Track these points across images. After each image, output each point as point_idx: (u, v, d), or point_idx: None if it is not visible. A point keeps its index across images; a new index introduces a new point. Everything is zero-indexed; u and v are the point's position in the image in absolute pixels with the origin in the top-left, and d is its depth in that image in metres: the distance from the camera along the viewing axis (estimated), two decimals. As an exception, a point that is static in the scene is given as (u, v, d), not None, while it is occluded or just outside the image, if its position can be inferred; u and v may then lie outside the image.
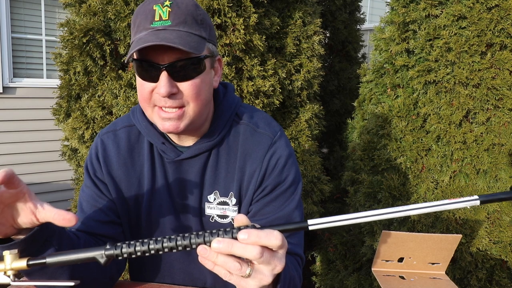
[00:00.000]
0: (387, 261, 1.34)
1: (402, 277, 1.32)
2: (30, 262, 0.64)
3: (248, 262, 0.63)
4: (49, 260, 0.63)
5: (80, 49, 1.96)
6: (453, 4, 1.99)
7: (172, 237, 0.62)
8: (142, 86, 0.89)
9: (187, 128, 0.92)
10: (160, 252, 0.62)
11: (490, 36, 1.92)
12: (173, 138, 1.01)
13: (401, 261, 1.34)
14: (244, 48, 1.96)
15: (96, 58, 1.97)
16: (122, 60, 2.03)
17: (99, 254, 0.62)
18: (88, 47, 1.95)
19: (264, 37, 2.03)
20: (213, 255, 0.61)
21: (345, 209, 2.49)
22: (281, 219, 1.00)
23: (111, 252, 0.62)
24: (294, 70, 2.21)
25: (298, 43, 2.22)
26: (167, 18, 0.85)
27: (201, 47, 0.87)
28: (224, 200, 1.01)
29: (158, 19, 0.85)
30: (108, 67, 2.00)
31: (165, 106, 0.88)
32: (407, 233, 1.32)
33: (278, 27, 2.12)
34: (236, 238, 0.60)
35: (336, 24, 3.52)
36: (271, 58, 2.09)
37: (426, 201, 2.08)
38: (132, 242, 0.62)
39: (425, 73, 2.06)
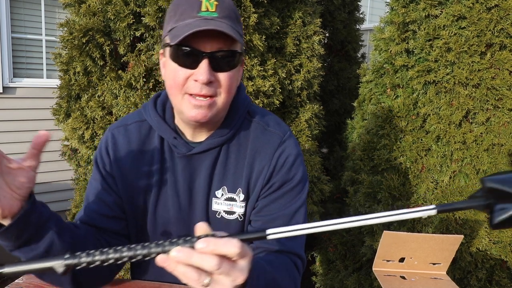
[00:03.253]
0: (388, 261, 1.35)
1: (403, 277, 1.32)
2: None
3: (208, 271, 0.63)
4: (6, 270, 0.62)
5: (79, 49, 1.96)
6: (452, 4, 1.99)
7: (132, 246, 0.62)
8: (177, 72, 0.89)
9: (213, 118, 0.94)
10: (119, 262, 0.62)
11: (489, 36, 1.93)
12: (186, 133, 1.02)
13: (402, 261, 1.35)
14: (244, 48, 1.96)
15: (96, 58, 1.97)
16: (121, 60, 2.03)
17: (59, 264, 0.61)
18: (87, 47, 1.95)
19: (264, 37, 2.03)
20: (173, 264, 0.61)
21: (345, 209, 2.49)
22: (286, 217, 1.01)
23: (70, 261, 0.61)
24: (294, 70, 2.21)
25: (298, 43, 2.22)
26: (214, 10, 0.88)
27: (242, 42, 0.91)
28: (232, 196, 1.02)
29: (205, 10, 0.88)
30: (107, 67, 2.00)
31: (199, 94, 0.89)
32: (408, 233, 1.32)
33: (278, 27, 2.12)
34: (195, 247, 0.61)
35: (335, 24, 3.52)
36: (271, 58, 2.09)
37: (426, 201, 2.09)
38: (91, 252, 0.62)
39: (425, 73, 2.06)
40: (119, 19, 1.92)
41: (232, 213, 1.03)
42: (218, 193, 1.02)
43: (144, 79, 1.96)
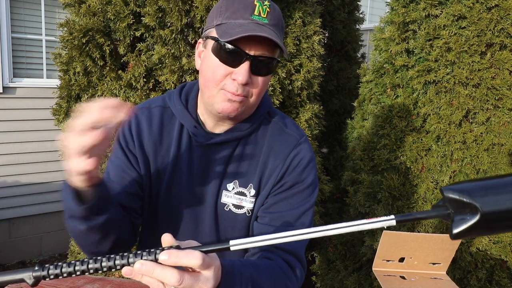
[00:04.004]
0: (388, 261, 1.34)
1: (403, 277, 1.32)
2: None
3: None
4: None
5: (79, 50, 1.96)
6: (453, 4, 1.99)
7: (98, 258, 0.64)
8: (217, 68, 0.92)
9: (240, 115, 0.98)
10: (86, 273, 0.64)
11: (490, 36, 1.92)
12: (207, 124, 1.05)
13: (402, 261, 1.35)
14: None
15: (96, 59, 1.97)
16: (121, 60, 2.03)
17: (27, 275, 0.64)
18: (87, 48, 1.95)
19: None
20: (138, 275, 0.63)
21: (345, 209, 2.49)
22: (293, 217, 1.03)
23: (38, 273, 0.64)
24: (294, 70, 2.21)
25: (298, 43, 2.22)
26: (265, 16, 0.91)
27: (285, 51, 0.94)
28: (242, 190, 1.04)
29: (257, 14, 0.91)
30: (107, 68, 2.00)
31: (234, 93, 0.92)
32: (408, 233, 1.32)
33: (278, 27, 2.12)
34: (158, 259, 0.62)
35: (334, 24, 3.52)
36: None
37: (426, 201, 2.09)
38: (59, 264, 0.64)
39: (425, 73, 2.06)
40: (119, 19, 1.92)
41: (241, 207, 1.04)
42: (230, 186, 1.04)
43: (144, 79, 1.96)
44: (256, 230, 1.03)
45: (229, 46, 0.89)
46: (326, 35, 3.53)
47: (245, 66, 0.90)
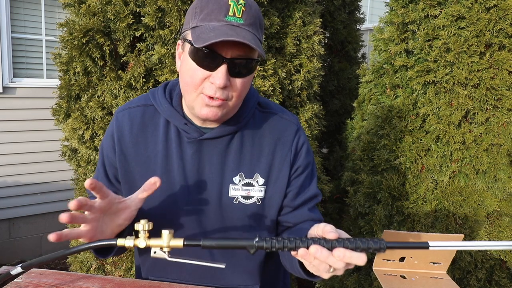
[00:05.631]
0: (388, 260, 1.35)
1: (403, 277, 1.32)
2: (186, 243, 0.76)
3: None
4: (204, 242, 0.75)
5: (79, 50, 1.96)
6: (452, 5, 1.99)
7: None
8: (195, 72, 0.91)
9: (222, 117, 0.98)
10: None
11: (489, 36, 1.93)
12: (196, 120, 1.04)
13: (402, 261, 1.35)
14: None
15: (96, 59, 1.97)
16: (121, 60, 2.04)
17: (251, 245, 0.75)
18: (87, 48, 1.95)
19: (264, 37, 2.03)
20: (311, 257, 0.75)
21: (345, 209, 2.49)
22: (311, 194, 1.13)
23: (261, 244, 0.75)
24: (294, 70, 2.21)
25: (298, 43, 2.22)
26: (240, 16, 0.89)
27: (262, 51, 0.93)
28: (249, 181, 1.05)
29: (232, 14, 0.89)
30: (107, 68, 2.00)
31: (213, 97, 0.92)
32: (408, 233, 1.33)
33: (278, 27, 2.12)
34: (331, 249, 0.75)
35: (335, 24, 3.53)
36: (271, 58, 2.10)
37: (425, 201, 2.09)
38: (280, 239, 0.76)
39: (424, 73, 2.06)
40: (119, 19, 1.92)
41: (249, 197, 1.05)
42: (236, 179, 1.04)
43: (144, 79, 1.96)
44: (299, 217, 1.11)
45: (205, 50, 0.88)
46: (327, 35, 3.54)
47: (222, 70, 0.89)
